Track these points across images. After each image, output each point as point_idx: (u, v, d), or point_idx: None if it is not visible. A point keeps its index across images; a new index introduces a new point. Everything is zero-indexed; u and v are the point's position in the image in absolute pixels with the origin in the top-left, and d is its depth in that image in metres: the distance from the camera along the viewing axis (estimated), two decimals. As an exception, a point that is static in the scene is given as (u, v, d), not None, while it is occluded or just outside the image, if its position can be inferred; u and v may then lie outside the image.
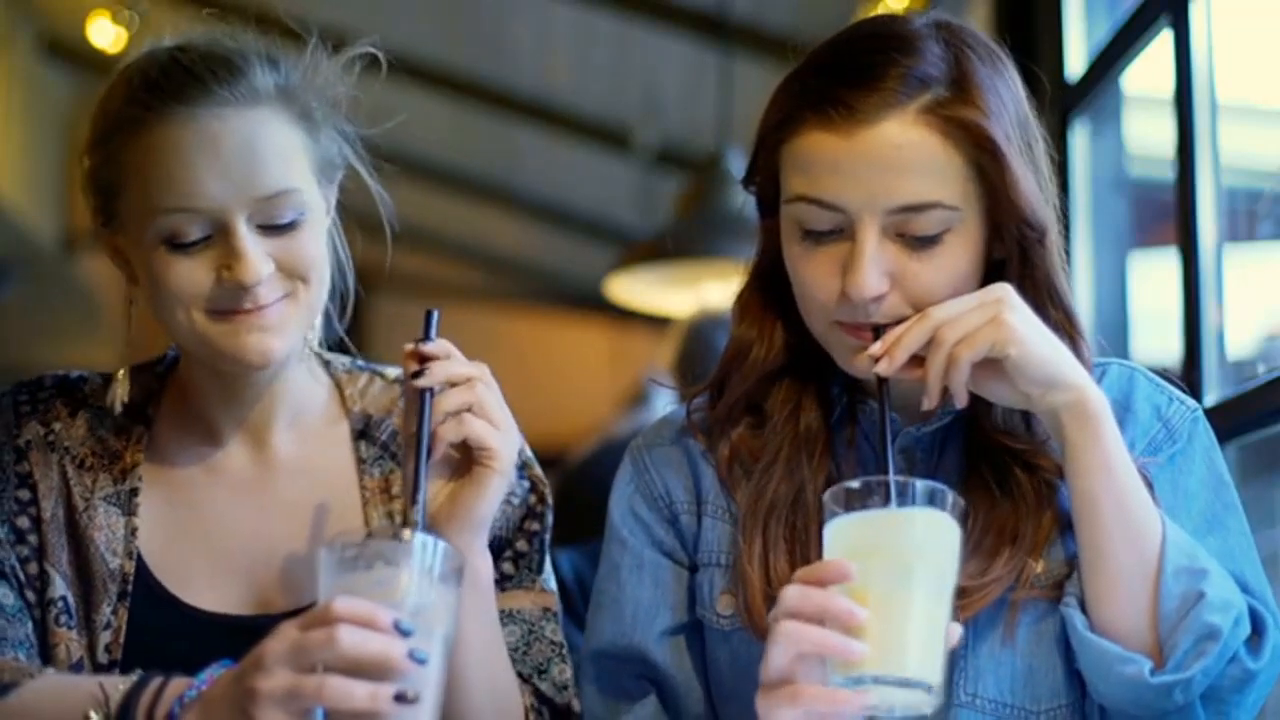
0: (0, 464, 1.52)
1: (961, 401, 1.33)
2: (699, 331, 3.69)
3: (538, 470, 1.61)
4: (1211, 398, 2.31)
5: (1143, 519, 1.32)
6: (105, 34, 5.37)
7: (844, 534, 1.20)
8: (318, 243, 1.46)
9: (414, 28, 5.52)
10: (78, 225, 7.67)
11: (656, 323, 6.15)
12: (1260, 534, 1.46)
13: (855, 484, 1.20)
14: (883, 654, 1.16)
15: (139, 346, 1.60)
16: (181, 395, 1.57)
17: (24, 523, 1.50)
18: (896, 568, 1.18)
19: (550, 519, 1.60)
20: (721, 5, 4.64)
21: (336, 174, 1.54)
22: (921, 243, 1.34)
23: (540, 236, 7.35)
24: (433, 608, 1.19)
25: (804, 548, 1.39)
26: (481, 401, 1.37)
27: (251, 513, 1.52)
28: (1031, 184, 1.37)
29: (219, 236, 1.41)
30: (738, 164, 4.27)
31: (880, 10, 3.80)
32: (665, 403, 4.65)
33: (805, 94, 1.36)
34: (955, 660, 1.22)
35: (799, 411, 1.46)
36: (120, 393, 1.54)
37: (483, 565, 1.42)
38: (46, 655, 1.46)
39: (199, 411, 1.55)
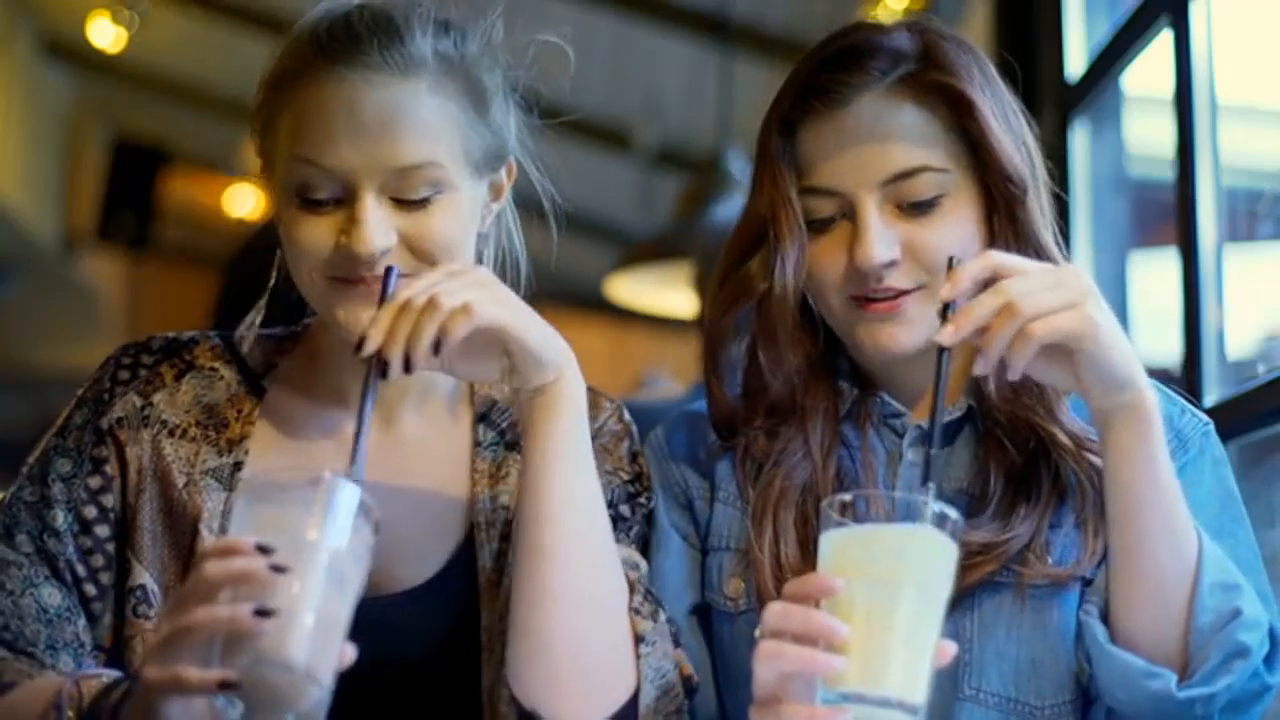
0: (80, 445, 1.47)
1: (1014, 375, 1.28)
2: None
3: (646, 463, 1.56)
4: (1211, 398, 2.31)
5: (1183, 527, 1.32)
6: (105, 34, 5.38)
7: (835, 546, 1.18)
8: (454, 225, 1.41)
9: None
10: (78, 225, 7.67)
11: (656, 323, 6.15)
12: (1260, 534, 1.46)
13: (848, 496, 1.18)
14: (864, 671, 1.14)
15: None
16: (311, 361, 1.51)
17: (91, 512, 1.45)
18: (883, 585, 1.15)
19: (653, 504, 1.54)
20: (721, 5, 4.64)
21: (501, 163, 1.49)
22: (920, 209, 1.39)
23: (540, 236, 7.34)
24: (311, 539, 1.17)
25: (815, 537, 1.39)
26: (487, 284, 1.33)
27: (370, 488, 1.42)
28: (1009, 141, 1.42)
29: (347, 200, 1.38)
30: (738, 164, 4.28)
31: (880, 11, 3.81)
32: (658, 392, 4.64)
33: (791, 97, 1.43)
34: (959, 656, 1.21)
35: (810, 405, 1.48)
36: (253, 324, 1.46)
37: (569, 393, 1.36)
38: (121, 648, 1.42)
39: (331, 380, 1.50)
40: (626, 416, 1.58)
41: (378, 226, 1.37)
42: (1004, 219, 1.42)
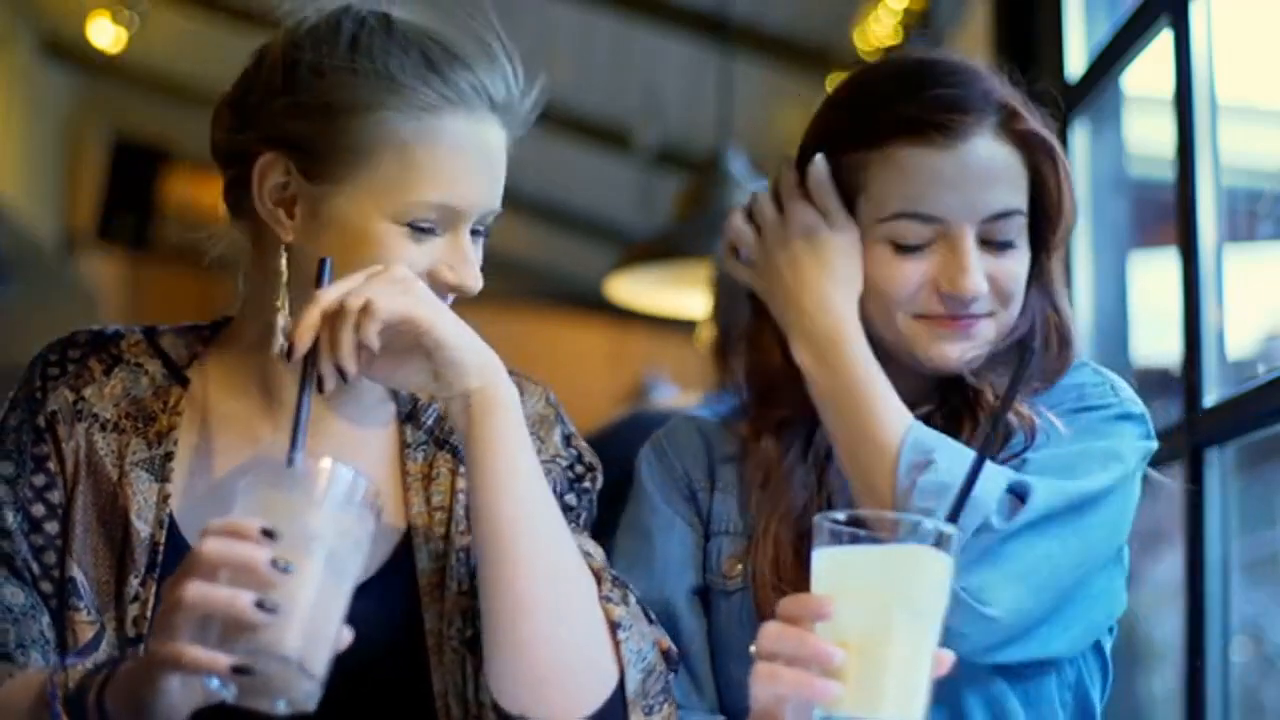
0: (19, 445, 1.47)
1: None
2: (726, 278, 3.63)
3: (583, 443, 1.56)
4: (1211, 398, 2.31)
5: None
6: (105, 34, 5.38)
7: (828, 566, 1.17)
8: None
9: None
10: (78, 225, 7.67)
11: (656, 323, 6.16)
12: (1260, 534, 1.46)
13: (841, 515, 1.16)
14: (860, 695, 1.13)
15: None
16: (234, 352, 1.51)
17: (39, 510, 1.44)
18: (877, 606, 1.14)
19: (599, 485, 1.54)
20: (721, 5, 4.64)
21: None
22: (1001, 247, 1.47)
23: (540, 236, 7.35)
24: (314, 530, 1.18)
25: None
26: (399, 280, 1.34)
27: None
28: (1071, 192, 1.51)
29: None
30: (738, 164, 4.28)
31: (881, 10, 3.81)
32: (665, 402, 4.64)
33: (895, 120, 1.46)
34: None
35: (812, 421, 1.50)
36: (285, 325, 1.43)
37: (499, 398, 1.38)
38: (65, 642, 1.41)
39: (255, 372, 1.49)
40: (553, 398, 1.57)
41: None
42: (1039, 263, 1.50)
